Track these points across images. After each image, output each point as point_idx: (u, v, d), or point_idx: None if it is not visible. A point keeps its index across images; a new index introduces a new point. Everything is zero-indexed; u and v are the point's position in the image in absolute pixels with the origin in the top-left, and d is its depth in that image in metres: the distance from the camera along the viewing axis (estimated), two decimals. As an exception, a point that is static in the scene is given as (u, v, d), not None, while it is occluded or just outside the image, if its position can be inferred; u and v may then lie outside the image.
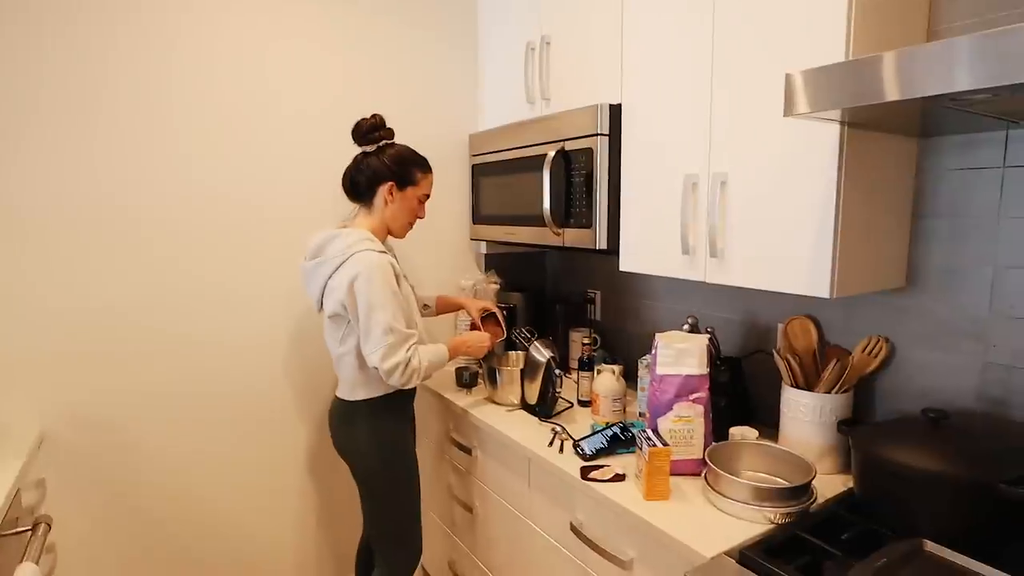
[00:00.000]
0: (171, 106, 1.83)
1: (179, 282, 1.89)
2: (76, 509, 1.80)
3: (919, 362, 1.42)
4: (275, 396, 2.08)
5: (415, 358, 1.64)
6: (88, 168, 1.74)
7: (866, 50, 1.18)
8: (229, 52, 1.89)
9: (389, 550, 1.77)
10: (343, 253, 1.63)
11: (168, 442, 1.92)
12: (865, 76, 0.94)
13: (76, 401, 1.78)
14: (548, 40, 1.91)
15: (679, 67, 1.51)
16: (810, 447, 1.45)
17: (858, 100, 0.95)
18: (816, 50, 1.22)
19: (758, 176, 1.36)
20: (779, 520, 1.24)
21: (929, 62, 0.87)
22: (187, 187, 1.88)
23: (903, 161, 1.37)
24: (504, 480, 1.80)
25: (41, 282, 1.71)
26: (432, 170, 1.77)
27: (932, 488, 1.12)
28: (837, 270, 1.25)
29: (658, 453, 1.33)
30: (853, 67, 0.96)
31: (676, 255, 1.55)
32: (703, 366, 1.44)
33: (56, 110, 1.68)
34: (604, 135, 1.67)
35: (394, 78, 2.18)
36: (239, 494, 2.05)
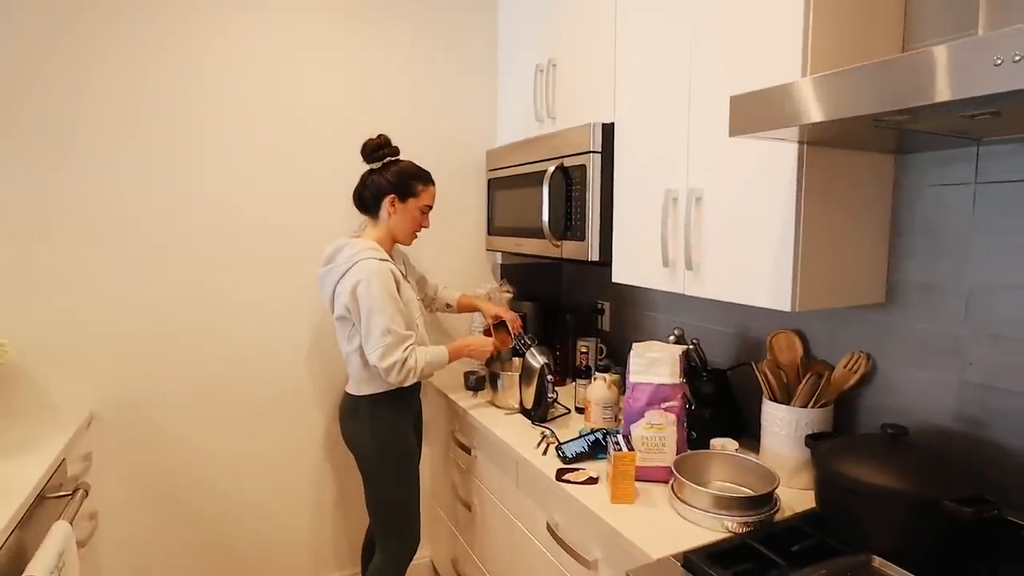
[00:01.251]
0: (217, 120, 2.05)
1: (218, 283, 2.10)
2: (116, 482, 2.03)
3: (900, 379, 1.41)
4: (297, 391, 2.25)
5: (411, 358, 1.76)
6: (144, 173, 1.97)
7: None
8: (265, 74, 2.10)
9: (386, 538, 1.89)
10: (349, 261, 1.77)
11: (198, 428, 2.12)
12: (778, 101, 0.99)
13: (122, 386, 2.01)
14: (555, 63, 2.00)
15: (662, 88, 1.57)
16: (787, 461, 1.46)
17: (775, 124, 1.00)
18: (775, 70, 1.25)
19: (729, 192, 1.40)
20: (736, 529, 1.26)
21: (837, 87, 0.91)
22: (230, 198, 2.09)
23: (879, 177, 1.37)
24: (497, 480, 1.89)
25: (96, 275, 1.95)
26: (433, 182, 1.90)
27: (882, 503, 1.13)
28: (799, 284, 1.27)
29: (623, 457, 1.38)
30: (771, 93, 1.01)
31: (659, 267, 1.60)
32: (675, 376, 1.48)
33: (113, 120, 1.92)
34: (597, 152, 1.74)
35: (418, 97, 2.34)
36: (261, 479, 2.23)
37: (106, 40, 1.89)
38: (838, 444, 1.27)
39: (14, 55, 1.80)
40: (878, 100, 0.83)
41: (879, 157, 1.36)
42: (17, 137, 1.82)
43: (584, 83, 1.87)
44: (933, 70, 0.78)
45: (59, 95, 1.86)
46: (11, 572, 1.27)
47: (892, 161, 1.38)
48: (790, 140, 1.21)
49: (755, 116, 1.06)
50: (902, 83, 0.80)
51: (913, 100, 0.81)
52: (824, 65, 1.20)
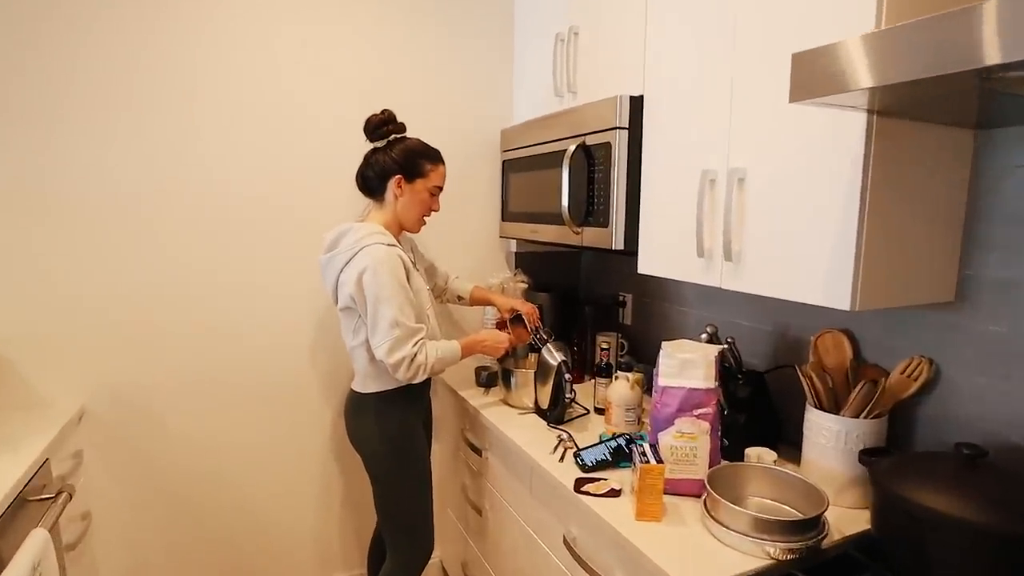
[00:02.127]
0: (212, 100, 1.89)
1: (215, 274, 1.97)
2: (110, 479, 1.91)
3: (968, 389, 1.24)
4: (300, 385, 2.12)
5: (421, 353, 1.62)
6: (136, 158, 1.83)
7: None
8: (264, 49, 1.94)
9: (398, 542, 1.76)
10: (354, 247, 1.63)
11: (198, 424, 2.00)
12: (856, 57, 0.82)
13: (116, 380, 1.88)
14: (576, 31, 1.82)
15: (700, 53, 1.39)
16: (832, 476, 1.30)
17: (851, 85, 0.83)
18: (841, 23, 1.07)
19: (778, 173, 1.22)
20: (780, 556, 1.11)
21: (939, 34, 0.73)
22: (227, 185, 1.95)
23: (955, 156, 1.19)
24: (510, 485, 1.75)
25: (87, 264, 1.81)
26: (443, 161, 1.74)
27: (955, 536, 0.97)
28: (860, 280, 1.10)
29: (650, 471, 1.23)
30: (846, 48, 0.84)
31: (692, 258, 1.43)
32: (710, 379, 1.32)
33: (103, 102, 1.78)
34: (624, 128, 1.57)
35: (425, 72, 2.17)
36: (264, 477, 2.11)
37: (96, 17, 1.74)
38: (902, 463, 1.10)
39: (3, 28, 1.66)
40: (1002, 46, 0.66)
41: (956, 132, 1.18)
42: (1, 121, 1.69)
43: (610, 52, 1.70)
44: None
45: (45, 76, 1.71)
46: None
47: (972, 136, 1.20)
48: (860, 108, 1.04)
49: (825, 77, 0.88)
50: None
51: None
52: (906, 15, 1.02)
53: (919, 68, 0.77)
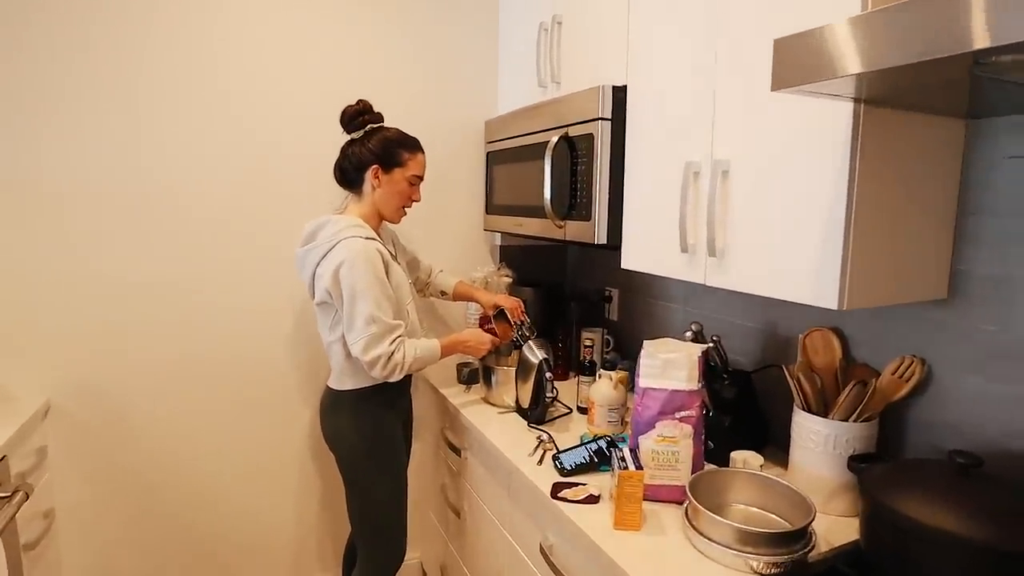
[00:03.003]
0: (185, 88, 1.82)
1: (188, 266, 1.90)
2: (76, 477, 1.85)
3: (962, 391, 1.18)
4: (277, 381, 2.05)
5: (399, 351, 1.56)
6: (104, 146, 1.76)
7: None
8: (247, 41, 1.88)
9: (370, 546, 1.70)
10: (331, 240, 1.57)
11: (170, 420, 1.94)
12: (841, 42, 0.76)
13: (83, 375, 1.82)
14: (560, 20, 1.75)
15: (683, 40, 1.33)
16: (820, 482, 1.25)
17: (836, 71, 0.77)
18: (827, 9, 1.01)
19: (763, 165, 1.16)
20: (763, 570, 1.06)
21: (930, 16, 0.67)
22: (201, 175, 1.88)
23: (946, 147, 1.13)
24: (488, 487, 1.69)
25: (52, 255, 1.75)
26: (422, 150, 1.68)
27: (949, 552, 0.91)
28: (848, 277, 1.04)
29: (629, 477, 1.17)
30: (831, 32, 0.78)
31: (676, 253, 1.37)
32: (694, 380, 1.26)
33: (70, 86, 1.71)
34: (606, 119, 1.50)
35: (411, 63, 2.09)
36: (240, 475, 2.04)
37: (91, 19, 1.69)
38: (893, 471, 1.05)
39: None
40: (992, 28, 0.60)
41: (946, 122, 1.12)
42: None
43: (593, 41, 1.63)
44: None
45: (19, 49, 1.65)
46: None
47: (962, 127, 1.14)
48: (846, 96, 0.97)
49: (809, 64, 0.82)
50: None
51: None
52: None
53: (909, 53, 0.71)
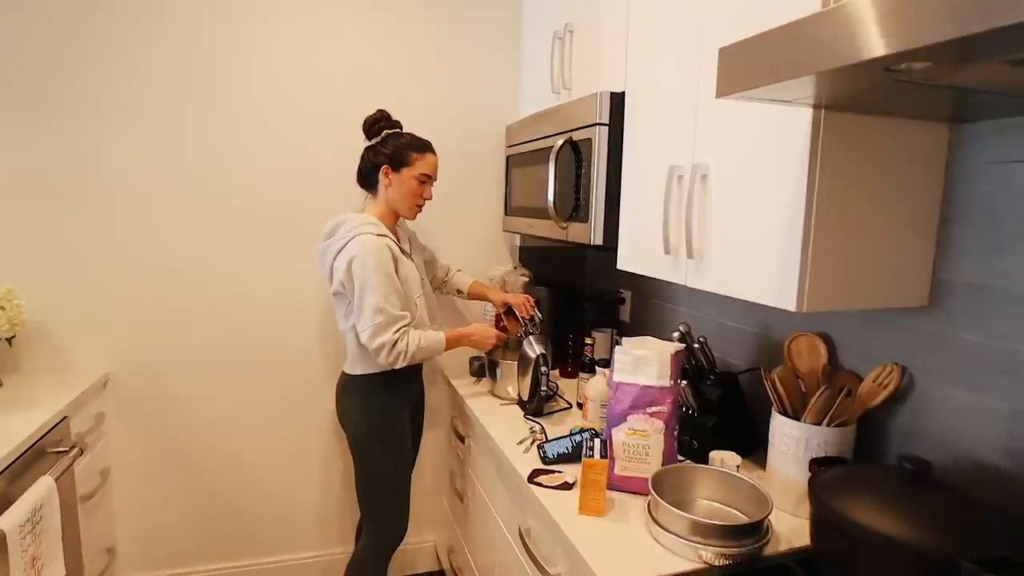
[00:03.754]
0: (231, 95, 2.02)
1: (230, 258, 2.10)
2: (129, 443, 2.07)
3: (940, 399, 1.16)
4: (305, 365, 2.22)
5: (402, 340, 1.66)
6: (160, 147, 1.98)
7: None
8: (282, 51, 2.06)
9: (373, 520, 1.82)
10: (346, 235, 1.70)
11: (210, 397, 2.13)
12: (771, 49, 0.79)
13: (137, 351, 2.04)
14: (571, 29, 1.82)
15: (672, 48, 1.36)
16: (793, 485, 1.26)
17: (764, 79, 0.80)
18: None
19: (733, 169, 1.19)
20: (712, 560, 1.09)
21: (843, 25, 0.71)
22: (243, 176, 2.07)
23: (927, 152, 1.12)
24: (486, 473, 1.77)
25: (114, 243, 1.98)
26: (432, 151, 1.78)
27: (884, 555, 0.92)
28: (808, 280, 1.06)
29: (592, 465, 1.22)
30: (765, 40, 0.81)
31: (661, 255, 1.40)
32: (664, 377, 1.29)
33: (129, 93, 1.93)
34: (604, 124, 1.56)
35: (437, 70, 2.22)
36: (269, 449, 2.22)
37: (127, 17, 1.89)
38: (843, 475, 1.05)
39: (37, 30, 1.83)
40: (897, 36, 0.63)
41: (928, 127, 1.11)
42: (35, 109, 1.86)
43: (598, 50, 1.68)
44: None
45: (81, 69, 1.88)
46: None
47: (946, 132, 1.12)
48: (800, 103, 0.99)
49: (746, 71, 0.86)
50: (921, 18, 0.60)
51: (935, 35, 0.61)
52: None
53: (818, 62, 0.74)
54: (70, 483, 1.71)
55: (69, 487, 1.70)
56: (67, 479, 1.68)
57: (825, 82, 0.81)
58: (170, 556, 2.16)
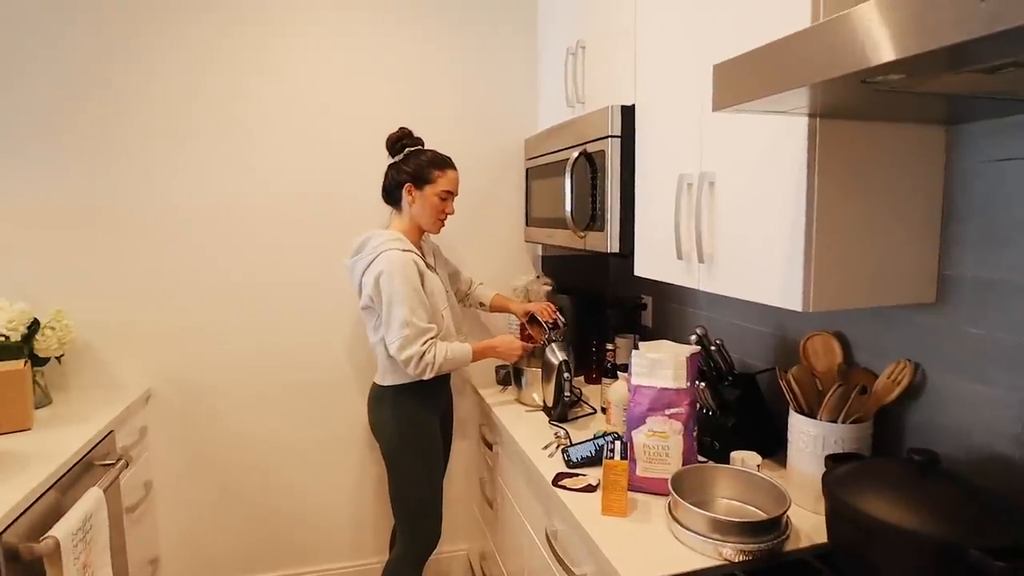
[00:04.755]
0: (261, 121, 2.13)
1: (265, 276, 2.20)
2: (171, 455, 2.18)
3: (952, 394, 1.18)
4: (337, 378, 2.30)
5: (430, 352, 1.73)
6: (197, 173, 2.10)
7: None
8: (302, 75, 2.16)
9: (406, 528, 1.88)
10: (374, 251, 1.78)
11: (246, 410, 2.23)
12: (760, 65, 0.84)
13: (178, 367, 2.15)
14: (583, 45, 1.88)
15: (677, 63, 1.42)
16: (812, 482, 1.28)
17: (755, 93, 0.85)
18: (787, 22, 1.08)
19: (738, 176, 1.23)
20: (732, 557, 1.12)
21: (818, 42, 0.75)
22: (275, 198, 2.18)
23: (926, 153, 1.15)
24: (514, 480, 1.82)
25: (155, 265, 2.10)
26: (452, 168, 1.86)
27: (896, 545, 0.94)
28: (813, 280, 1.09)
29: (613, 467, 1.26)
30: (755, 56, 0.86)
31: (673, 260, 1.45)
32: (681, 379, 1.33)
33: (167, 125, 2.06)
34: (616, 136, 1.61)
35: (458, 87, 2.30)
36: (304, 461, 2.31)
37: (158, 53, 2.02)
38: (855, 469, 1.08)
39: (80, 69, 1.96)
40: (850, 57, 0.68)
41: (924, 130, 1.14)
42: (83, 141, 1.99)
43: (608, 64, 1.74)
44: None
45: (121, 104, 2.01)
46: (44, 530, 1.38)
47: (943, 133, 1.15)
48: (795, 113, 1.04)
49: (739, 85, 0.91)
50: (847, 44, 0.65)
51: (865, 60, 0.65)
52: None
53: (800, 77, 0.79)
54: (116, 495, 1.81)
55: (115, 499, 1.80)
56: (113, 491, 1.77)
57: (812, 94, 0.85)
58: (211, 566, 2.26)
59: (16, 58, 1.92)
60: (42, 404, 1.89)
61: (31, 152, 1.96)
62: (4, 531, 1.24)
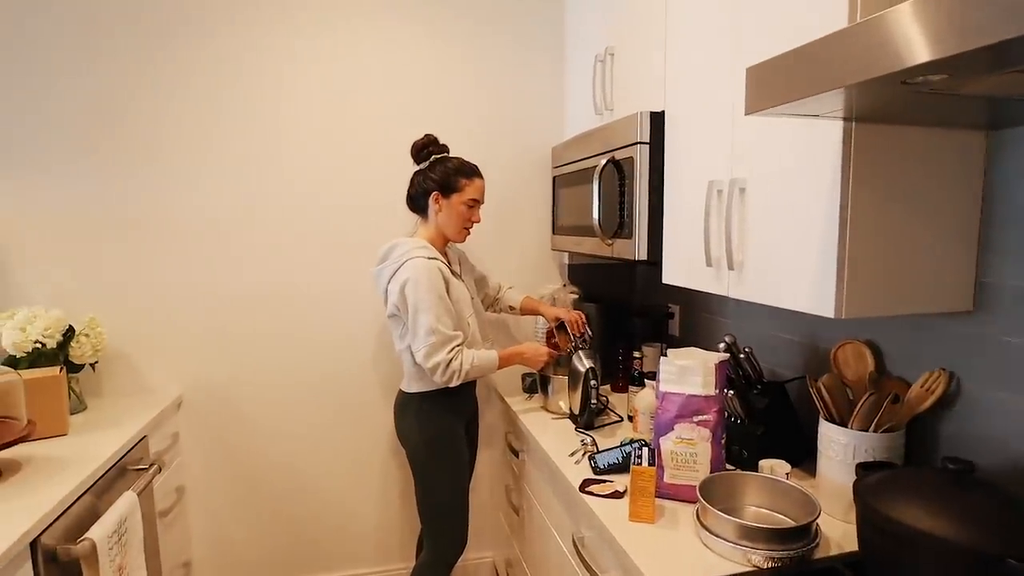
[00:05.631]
0: (287, 129, 2.17)
1: (294, 282, 2.23)
2: (201, 459, 2.22)
3: (989, 404, 1.16)
4: (365, 383, 2.33)
5: (456, 359, 1.74)
6: (225, 182, 2.14)
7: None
8: (329, 83, 2.20)
9: (433, 535, 1.89)
10: (399, 259, 1.80)
11: (275, 416, 2.26)
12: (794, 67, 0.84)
13: (207, 373, 2.19)
14: (612, 52, 1.89)
15: (707, 69, 1.42)
16: (842, 491, 1.26)
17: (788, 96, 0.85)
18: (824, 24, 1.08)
19: (771, 182, 1.23)
20: (762, 564, 1.11)
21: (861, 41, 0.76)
22: (301, 207, 2.22)
23: (964, 158, 1.14)
24: (540, 487, 1.82)
25: (185, 274, 2.14)
26: (479, 176, 1.87)
27: (929, 554, 0.93)
28: (846, 286, 1.09)
29: (641, 473, 1.26)
30: (787, 59, 0.86)
31: (703, 267, 1.45)
32: (709, 386, 1.33)
33: (195, 135, 2.11)
34: (644, 143, 1.62)
35: (482, 95, 2.32)
36: (331, 466, 2.33)
37: (185, 65, 2.07)
38: (887, 477, 1.06)
39: (108, 82, 2.02)
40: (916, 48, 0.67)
41: (963, 135, 1.13)
42: (114, 153, 2.05)
43: (638, 71, 1.75)
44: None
45: (150, 117, 2.07)
46: (80, 532, 1.41)
47: (983, 138, 1.14)
48: (830, 116, 1.04)
49: (771, 89, 0.91)
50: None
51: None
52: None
53: (837, 79, 0.79)
54: (150, 499, 1.84)
55: (149, 503, 1.83)
56: (147, 495, 1.81)
57: (846, 96, 0.86)
58: (243, 570, 2.29)
59: (47, 73, 1.97)
60: (77, 410, 1.94)
61: (64, 164, 2.02)
62: (42, 534, 1.28)
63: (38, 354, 1.83)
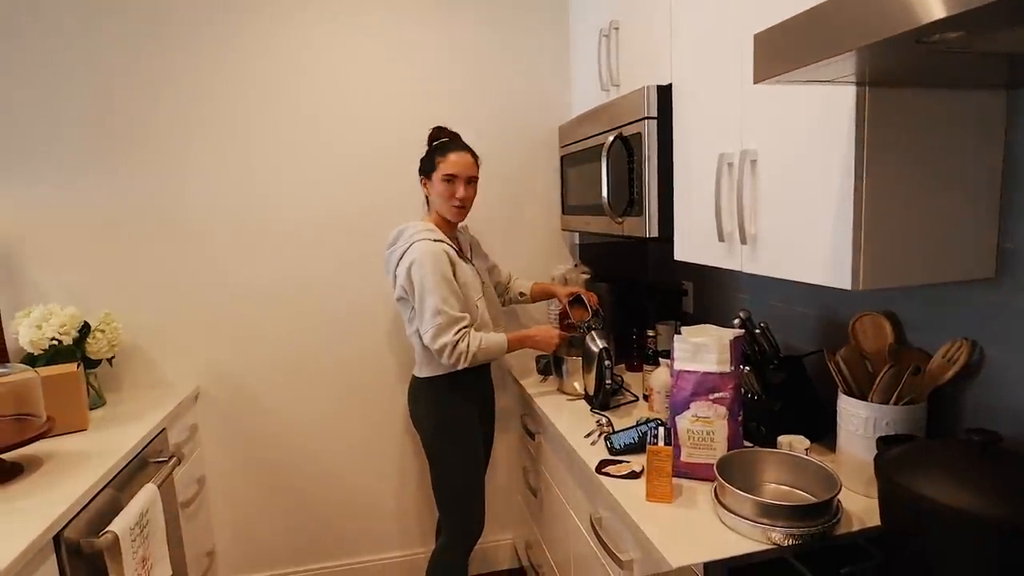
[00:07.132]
0: (298, 122, 2.17)
1: (307, 271, 2.24)
2: (220, 450, 2.24)
3: (1014, 373, 1.13)
4: (380, 369, 2.34)
5: (463, 341, 1.74)
6: (240, 177, 2.15)
7: None
8: (337, 73, 2.18)
9: (449, 518, 1.90)
10: (407, 242, 1.80)
11: (292, 405, 2.28)
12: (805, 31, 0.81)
13: (223, 363, 2.21)
14: (617, 26, 1.85)
15: (714, 40, 1.38)
16: (863, 466, 1.24)
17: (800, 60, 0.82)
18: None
19: (784, 153, 1.20)
20: (781, 541, 1.10)
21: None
22: (313, 196, 2.21)
23: (984, 121, 1.10)
24: (557, 468, 1.82)
25: (200, 268, 2.15)
26: (454, 151, 1.83)
27: (956, 528, 0.91)
28: (863, 257, 1.06)
29: (657, 452, 1.25)
30: (797, 23, 0.83)
31: (715, 242, 1.42)
32: (725, 363, 1.31)
33: (210, 131, 2.10)
34: (652, 118, 1.58)
35: (489, 75, 2.29)
36: (349, 453, 2.35)
37: (194, 61, 2.07)
38: (910, 450, 1.04)
39: (119, 81, 2.02)
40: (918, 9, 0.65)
41: (982, 95, 1.08)
42: (126, 150, 2.05)
43: (643, 43, 1.71)
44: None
45: (162, 113, 2.07)
46: (103, 525, 1.43)
47: (1003, 98, 1.10)
48: (842, 82, 1.00)
49: (780, 55, 0.88)
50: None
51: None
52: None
53: (850, 40, 0.76)
54: (171, 490, 1.87)
55: (170, 494, 1.85)
56: (168, 487, 1.83)
57: (859, 59, 0.82)
58: (265, 557, 2.32)
59: (60, 73, 1.98)
60: (96, 405, 1.96)
61: (77, 163, 2.03)
62: (65, 528, 1.29)
63: (55, 351, 1.85)
